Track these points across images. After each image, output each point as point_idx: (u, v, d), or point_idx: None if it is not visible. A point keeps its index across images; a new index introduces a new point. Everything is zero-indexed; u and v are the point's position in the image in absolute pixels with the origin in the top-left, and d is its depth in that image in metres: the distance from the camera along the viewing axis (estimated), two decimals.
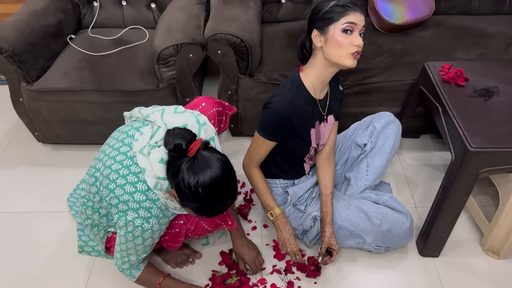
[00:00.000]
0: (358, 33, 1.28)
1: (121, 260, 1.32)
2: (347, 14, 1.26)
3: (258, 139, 1.43)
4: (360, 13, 1.27)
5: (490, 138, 1.32)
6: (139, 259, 1.33)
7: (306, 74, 1.39)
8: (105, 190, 1.22)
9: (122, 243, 1.25)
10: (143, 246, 1.25)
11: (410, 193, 1.87)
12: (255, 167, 1.51)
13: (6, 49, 1.74)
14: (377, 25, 2.10)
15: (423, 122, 1.99)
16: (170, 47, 1.73)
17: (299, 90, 1.38)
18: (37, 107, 1.90)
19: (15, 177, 1.99)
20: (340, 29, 1.27)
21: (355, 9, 1.27)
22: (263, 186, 1.51)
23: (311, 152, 1.51)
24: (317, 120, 1.45)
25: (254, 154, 1.48)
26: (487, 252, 1.62)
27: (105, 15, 2.23)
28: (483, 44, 1.97)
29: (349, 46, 1.28)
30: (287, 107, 1.35)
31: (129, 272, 1.36)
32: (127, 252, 1.27)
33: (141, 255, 1.30)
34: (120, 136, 1.29)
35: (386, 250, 1.57)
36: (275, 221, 1.49)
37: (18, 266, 1.61)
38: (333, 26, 1.27)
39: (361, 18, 1.28)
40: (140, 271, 1.37)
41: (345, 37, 1.27)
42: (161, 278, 1.41)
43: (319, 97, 1.43)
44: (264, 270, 1.57)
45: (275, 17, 2.24)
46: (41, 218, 1.79)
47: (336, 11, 1.27)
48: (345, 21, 1.26)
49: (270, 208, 1.50)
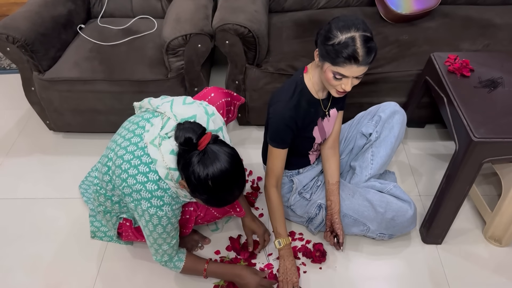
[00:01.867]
0: (351, 79, 1.24)
1: (159, 254, 1.36)
2: (343, 66, 1.20)
3: (273, 151, 1.43)
4: (361, 66, 1.20)
5: (494, 128, 1.34)
6: (172, 246, 1.36)
7: (309, 78, 1.38)
8: (117, 179, 1.26)
9: (148, 236, 1.30)
10: (166, 233, 1.30)
11: (415, 181, 1.90)
12: (274, 187, 1.49)
13: (18, 39, 1.77)
14: (384, 15, 2.10)
15: (428, 112, 2.01)
16: (179, 38, 1.76)
17: (302, 93, 1.38)
18: (48, 96, 1.94)
19: (28, 164, 2.04)
20: (330, 71, 1.24)
21: (355, 63, 1.18)
22: (278, 212, 1.50)
23: (315, 147, 1.54)
24: (319, 117, 1.46)
25: (273, 168, 1.47)
26: (489, 240, 1.65)
27: (114, 5, 2.25)
28: (490, 35, 1.97)
29: (337, 86, 1.27)
30: (293, 113, 1.36)
31: (173, 265, 1.41)
32: (157, 243, 1.32)
33: (170, 242, 1.34)
34: (131, 126, 1.32)
35: (390, 237, 1.60)
36: (281, 249, 1.50)
37: (31, 251, 1.66)
38: (328, 64, 1.23)
39: (359, 69, 1.20)
40: (183, 262, 1.41)
41: (335, 80, 1.25)
42: (206, 264, 1.46)
43: (322, 96, 1.43)
44: (271, 256, 1.62)
45: (282, 7, 2.25)
46: (53, 205, 1.84)
47: (337, 54, 1.18)
48: (336, 70, 1.22)
49: (279, 236, 1.50)
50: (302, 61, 1.87)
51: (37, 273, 1.59)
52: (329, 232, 1.56)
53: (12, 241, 1.70)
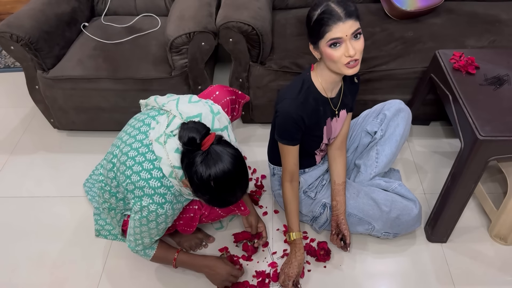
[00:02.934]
0: (349, 41, 1.21)
1: (135, 243, 1.36)
2: (329, 30, 1.19)
3: (283, 148, 1.43)
4: (346, 20, 1.18)
5: (499, 126, 1.33)
6: (152, 241, 1.37)
7: (316, 75, 1.37)
8: (122, 176, 1.26)
9: (136, 227, 1.30)
10: (156, 230, 1.30)
11: (419, 179, 1.89)
12: (288, 182, 1.48)
13: (22, 38, 1.77)
14: (388, 12, 2.09)
15: (433, 109, 2.00)
16: (183, 36, 1.76)
17: (310, 91, 1.36)
18: (52, 94, 1.94)
19: (32, 162, 2.05)
20: (327, 46, 1.23)
21: (339, 20, 1.18)
22: (291, 206, 1.50)
23: (322, 146, 1.54)
24: (329, 116, 1.45)
25: (285, 165, 1.47)
26: (495, 238, 1.64)
27: (117, 2, 2.25)
28: (495, 31, 1.96)
29: (341, 58, 1.23)
30: (299, 111, 1.34)
31: (144, 253, 1.41)
32: (141, 236, 1.32)
33: (154, 237, 1.35)
34: (136, 124, 1.33)
35: (395, 236, 1.60)
36: (291, 243, 1.52)
37: (36, 250, 1.67)
38: (320, 42, 1.23)
39: (347, 25, 1.19)
40: (154, 250, 1.41)
41: (334, 50, 1.22)
42: (176, 254, 1.45)
43: (331, 95, 1.41)
44: (275, 254, 1.62)
45: (286, 4, 2.24)
46: (58, 203, 1.84)
47: (321, 24, 1.20)
48: (329, 37, 1.20)
49: (290, 230, 1.52)
50: (306, 58, 1.87)
51: (42, 271, 1.60)
52: (335, 235, 1.56)
53: (17, 239, 1.71)
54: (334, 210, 1.55)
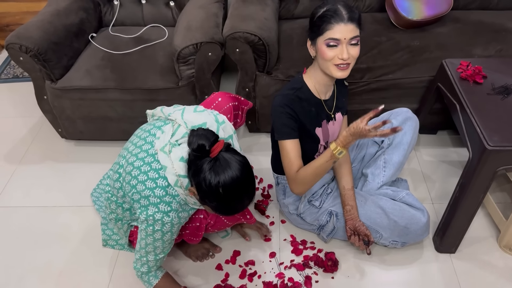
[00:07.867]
0: (345, 45, 1.25)
1: (140, 262, 1.33)
2: (330, 28, 1.24)
3: (285, 147, 1.39)
4: (348, 23, 1.23)
5: (508, 136, 1.32)
6: (157, 259, 1.33)
7: (310, 77, 1.40)
8: (127, 185, 1.27)
9: (142, 239, 1.29)
10: (161, 242, 1.28)
11: (427, 189, 1.88)
12: (296, 172, 1.40)
13: (31, 49, 1.79)
14: (394, 22, 2.09)
15: (440, 118, 1.99)
16: (190, 46, 1.77)
17: (302, 91, 1.39)
18: (61, 104, 1.96)
19: (40, 172, 2.06)
20: (324, 43, 1.27)
21: (341, 21, 1.23)
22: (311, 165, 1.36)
23: (321, 150, 1.53)
24: (324, 119, 1.46)
25: (288, 163, 1.40)
26: (504, 248, 1.62)
27: (125, 13, 2.27)
28: (502, 40, 1.95)
29: (334, 58, 1.27)
30: (286, 101, 1.36)
31: (147, 279, 1.37)
32: (146, 250, 1.30)
33: (159, 254, 1.32)
34: (143, 134, 1.33)
35: (403, 245, 1.58)
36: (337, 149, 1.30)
37: (44, 259, 1.67)
38: (319, 38, 1.28)
39: (348, 28, 1.24)
40: (157, 279, 1.38)
41: (330, 49, 1.27)
42: None
43: (324, 97, 1.43)
44: (282, 265, 1.61)
45: (292, 14, 2.25)
46: (65, 213, 1.85)
47: (323, 20, 1.25)
48: (327, 36, 1.25)
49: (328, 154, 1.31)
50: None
51: (50, 281, 1.60)
52: (357, 236, 1.52)
53: (25, 248, 1.71)
54: (348, 214, 1.53)
